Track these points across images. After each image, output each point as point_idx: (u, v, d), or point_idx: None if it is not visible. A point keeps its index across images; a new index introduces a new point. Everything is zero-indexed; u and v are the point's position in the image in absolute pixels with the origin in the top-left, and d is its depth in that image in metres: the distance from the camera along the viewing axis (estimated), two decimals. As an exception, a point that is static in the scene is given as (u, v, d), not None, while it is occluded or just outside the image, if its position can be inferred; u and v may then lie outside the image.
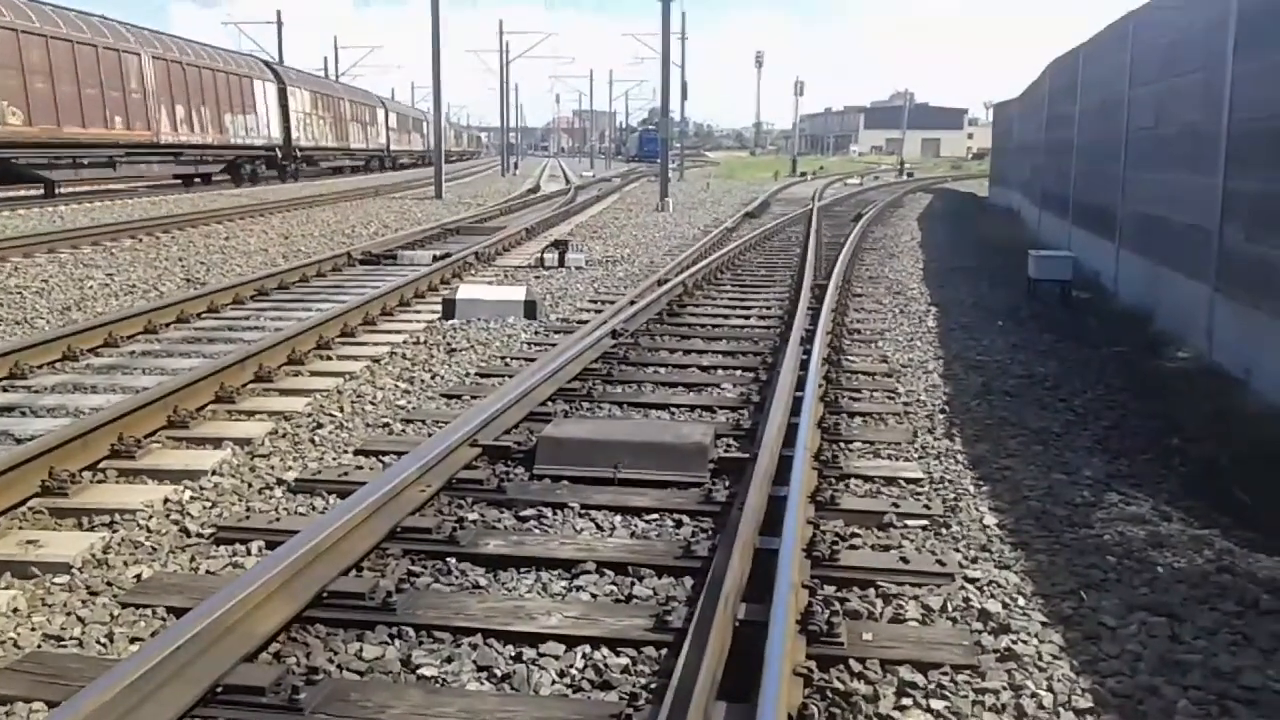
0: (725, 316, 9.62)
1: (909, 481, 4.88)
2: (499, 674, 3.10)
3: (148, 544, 4.06)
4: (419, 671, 3.11)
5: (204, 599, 3.08)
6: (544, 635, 3.29)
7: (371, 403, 6.28)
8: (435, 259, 12.95)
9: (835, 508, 4.42)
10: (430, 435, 5.34)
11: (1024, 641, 3.29)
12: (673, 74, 27.30)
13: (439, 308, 9.38)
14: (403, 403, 6.31)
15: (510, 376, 6.67)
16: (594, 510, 4.44)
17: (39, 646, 3.25)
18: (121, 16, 27.11)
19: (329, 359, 7.55)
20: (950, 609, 3.52)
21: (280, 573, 3.23)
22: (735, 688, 2.85)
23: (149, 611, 3.47)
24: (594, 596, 3.63)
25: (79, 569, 3.81)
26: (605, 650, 3.21)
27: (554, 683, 3.07)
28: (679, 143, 54.73)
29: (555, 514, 4.40)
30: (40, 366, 6.94)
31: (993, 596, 3.63)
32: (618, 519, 4.35)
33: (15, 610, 3.49)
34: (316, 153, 39.37)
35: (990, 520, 4.40)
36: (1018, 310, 9.99)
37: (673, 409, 6.17)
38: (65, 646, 3.26)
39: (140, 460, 5.01)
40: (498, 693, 3.01)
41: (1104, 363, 7.67)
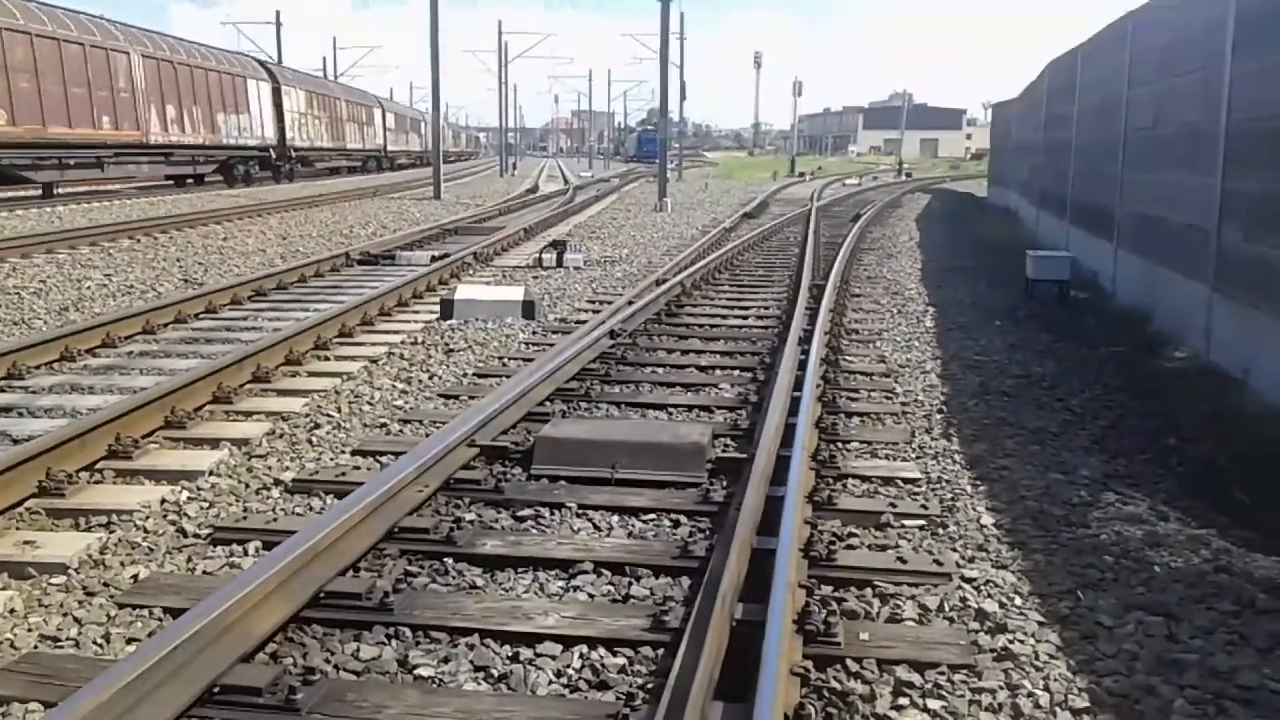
0: (723, 317, 9.62)
1: (906, 481, 4.88)
2: (496, 674, 3.11)
3: (145, 544, 4.06)
4: (416, 672, 3.11)
5: (201, 599, 3.08)
6: (541, 635, 3.29)
7: (369, 403, 6.28)
8: (433, 259, 12.94)
9: (833, 508, 4.42)
10: (428, 435, 5.34)
11: (1021, 641, 3.30)
12: (671, 74, 27.37)
13: (437, 308, 9.39)
14: (400, 403, 6.31)
15: (508, 377, 6.66)
16: (591, 510, 4.44)
17: (35, 647, 3.25)
18: (121, 16, 27.02)
19: (327, 359, 7.55)
20: (947, 609, 3.52)
21: (277, 573, 3.23)
22: (732, 687, 2.85)
23: (146, 612, 3.47)
24: (591, 596, 3.64)
25: (76, 569, 3.82)
26: (602, 650, 3.21)
27: (551, 683, 3.07)
28: (677, 143, 54.76)
29: (553, 514, 4.40)
30: (38, 367, 6.94)
31: (990, 596, 3.63)
32: (615, 519, 4.35)
33: (12, 611, 3.49)
34: (312, 153, 39.16)
35: (987, 520, 4.40)
36: (1015, 310, 10.00)
37: (670, 409, 6.17)
38: (62, 647, 3.26)
39: (138, 461, 5.01)
40: (495, 693, 3.01)
41: (1102, 362, 7.67)
